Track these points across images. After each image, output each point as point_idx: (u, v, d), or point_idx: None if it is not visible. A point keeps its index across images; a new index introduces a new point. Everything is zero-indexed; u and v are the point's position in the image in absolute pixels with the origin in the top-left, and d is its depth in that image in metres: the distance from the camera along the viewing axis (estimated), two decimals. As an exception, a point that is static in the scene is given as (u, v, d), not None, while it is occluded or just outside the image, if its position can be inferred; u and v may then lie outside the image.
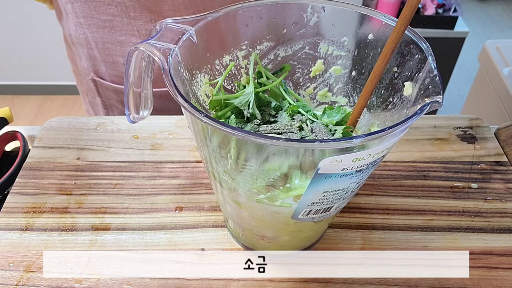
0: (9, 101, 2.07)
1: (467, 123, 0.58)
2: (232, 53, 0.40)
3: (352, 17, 0.37)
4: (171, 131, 0.57)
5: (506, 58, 1.13)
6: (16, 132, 0.56)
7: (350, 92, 0.42)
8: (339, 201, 0.34)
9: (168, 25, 0.35)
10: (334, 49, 0.40)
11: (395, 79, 0.36)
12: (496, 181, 0.51)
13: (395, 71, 0.36)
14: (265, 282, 0.42)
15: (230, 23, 0.38)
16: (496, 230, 0.46)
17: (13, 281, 0.41)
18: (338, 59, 0.41)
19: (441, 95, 0.29)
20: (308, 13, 0.39)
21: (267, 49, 0.41)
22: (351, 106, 0.42)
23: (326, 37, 0.40)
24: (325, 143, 0.27)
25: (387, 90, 0.37)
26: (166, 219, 0.47)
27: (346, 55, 0.40)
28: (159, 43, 0.33)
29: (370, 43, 0.38)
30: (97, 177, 0.51)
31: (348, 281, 0.42)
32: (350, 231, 0.46)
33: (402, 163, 0.53)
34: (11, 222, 0.46)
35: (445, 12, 1.65)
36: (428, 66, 0.32)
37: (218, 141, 0.31)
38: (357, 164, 0.28)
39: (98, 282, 0.41)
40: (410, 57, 0.34)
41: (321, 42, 0.40)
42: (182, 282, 0.42)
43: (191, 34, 0.35)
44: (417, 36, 0.33)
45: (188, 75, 0.36)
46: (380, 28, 0.36)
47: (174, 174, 0.52)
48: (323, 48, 0.40)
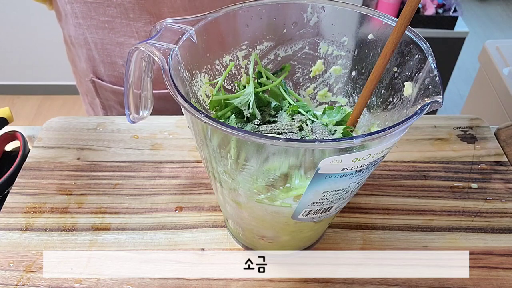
0: (9, 101, 2.07)
1: (467, 123, 0.58)
2: (232, 53, 0.40)
3: (352, 17, 0.37)
4: (171, 131, 0.57)
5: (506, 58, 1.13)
6: (16, 132, 0.56)
7: (350, 92, 0.42)
8: (339, 201, 0.34)
9: (168, 25, 0.35)
10: (334, 49, 0.40)
11: (395, 79, 0.36)
12: (496, 181, 0.51)
13: (395, 71, 0.36)
14: (265, 282, 0.42)
15: (230, 23, 0.38)
16: (496, 230, 0.46)
17: (13, 281, 0.41)
18: (338, 59, 0.41)
19: (441, 95, 0.29)
20: (308, 13, 0.39)
21: (267, 49, 0.41)
22: (351, 106, 0.42)
23: (326, 37, 0.40)
24: (325, 143, 0.27)
25: (387, 90, 0.37)
26: (166, 219, 0.47)
27: (346, 55, 0.40)
28: (159, 43, 0.33)
29: (370, 43, 0.38)
30: (97, 177, 0.51)
31: (348, 281, 0.42)
32: (350, 231, 0.46)
33: (402, 163, 0.53)
34: (11, 222, 0.46)
35: (445, 12, 1.65)
36: (428, 66, 0.32)
37: (218, 141, 0.31)
38: (357, 164, 0.29)
39: (98, 282, 0.41)
40: (410, 57, 0.34)
41: (321, 42, 0.40)
42: (182, 282, 0.42)
43: (191, 34, 0.35)
44: (417, 36, 0.33)
45: (188, 75, 0.36)
46: (380, 28, 0.36)
47: (174, 174, 0.52)
48: (323, 48, 0.41)
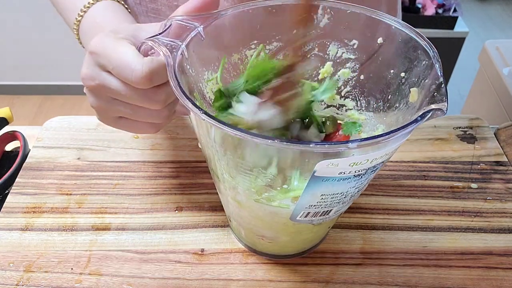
0: (9, 101, 2.07)
1: (467, 123, 0.58)
2: (241, 52, 0.40)
3: (362, 20, 0.37)
4: (171, 131, 0.57)
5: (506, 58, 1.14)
6: (16, 132, 0.56)
7: (358, 95, 0.42)
8: (339, 205, 0.34)
9: (177, 21, 0.35)
10: (343, 52, 0.40)
11: (402, 85, 0.36)
12: (496, 181, 0.51)
13: (402, 76, 0.36)
14: (265, 282, 0.42)
15: (239, 22, 0.38)
16: (496, 230, 0.46)
17: (13, 281, 0.41)
18: (347, 62, 0.40)
19: (446, 102, 0.29)
20: (319, 15, 0.38)
21: (277, 49, 0.41)
22: (359, 110, 0.42)
23: (336, 40, 0.40)
24: (320, 146, 0.26)
25: (394, 95, 0.37)
26: (166, 219, 0.47)
27: (355, 58, 0.40)
28: (166, 39, 0.33)
29: (379, 47, 0.37)
30: (97, 177, 0.51)
31: (348, 281, 0.42)
32: (350, 231, 0.46)
33: (402, 163, 0.53)
34: (11, 222, 0.46)
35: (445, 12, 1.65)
36: (435, 73, 0.31)
37: (219, 138, 0.31)
38: (355, 169, 0.28)
39: (98, 282, 0.41)
40: (417, 63, 0.34)
41: (330, 44, 0.40)
42: (182, 282, 0.42)
43: (199, 31, 0.35)
44: (425, 42, 0.33)
45: (194, 72, 0.36)
46: (389, 32, 0.36)
47: (174, 174, 0.52)
48: (332, 50, 0.40)
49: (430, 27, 1.65)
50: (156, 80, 0.34)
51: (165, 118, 0.38)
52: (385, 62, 0.37)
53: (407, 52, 0.34)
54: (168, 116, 0.38)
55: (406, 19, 0.47)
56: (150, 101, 0.35)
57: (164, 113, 0.37)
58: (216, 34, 0.37)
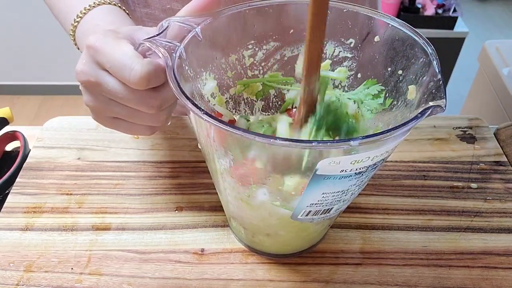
0: (9, 101, 2.07)
1: (466, 123, 0.58)
2: (238, 52, 0.40)
3: (358, 19, 0.37)
4: (171, 131, 0.57)
5: (505, 58, 1.14)
6: (17, 132, 0.56)
7: None
8: (339, 203, 0.34)
9: (175, 23, 0.35)
10: (340, 51, 0.40)
11: (399, 82, 0.36)
12: (495, 181, 0.51)
13: (400, 74, 0.36)
14: (265, 282, 0.42)
15: (236, 22, 0.38)
16: (496, 230, 0.46)
17: (13, 281, 0.42)
18: (344, 61, 0.41)
19: (444, 99, 0.29)
20: None
21: (274, 49, 0.41)
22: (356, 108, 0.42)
23: (333, 39, 0.40)
24: (322, 144, 0.27)
25: (392, 93, 0.37)
26: (166, 219, 0.47)
27: (352, 56, 0.40)
28: (164, 40, 0.33)
29: (376, 45, 0.38)
30: (98, 177, 0.51)
31: (348, 281, 0.42)
32: (350, 231, 0.46)
33: (402, 163, 0.53)
34: (12, 222, 0.47)
35: (445, 12, 1.66)
36: (433, 70, 0.31)
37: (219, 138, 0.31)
38: (356, 167, 0.28)
39: (98, 282, 0.42)
40: (415, 60, 0.34)
41: (327, 43, 0.40)
42: (182, 282, 0.42)
43: (197, 32, 0.35)
44: (422, 39, 0.33)
45: (192, 73, 0.36)
46: (386, 31, 0.36)
47: (174, 174, 0.52)
48: (329, 49, 0.40)
49: (430, 27, 1.65)
50: (153, 82, 0.33)
51: (161, 121, 0.37)
52: (383, 61, 0.37)
53: (405, 50, 0.35)
54: (164, 119, 0.38)
55: (406, 19, 0.48)
56: (146, 104, 0.35)
57: (159, 116, 0.37)
58: (213, 35, 0.37)
